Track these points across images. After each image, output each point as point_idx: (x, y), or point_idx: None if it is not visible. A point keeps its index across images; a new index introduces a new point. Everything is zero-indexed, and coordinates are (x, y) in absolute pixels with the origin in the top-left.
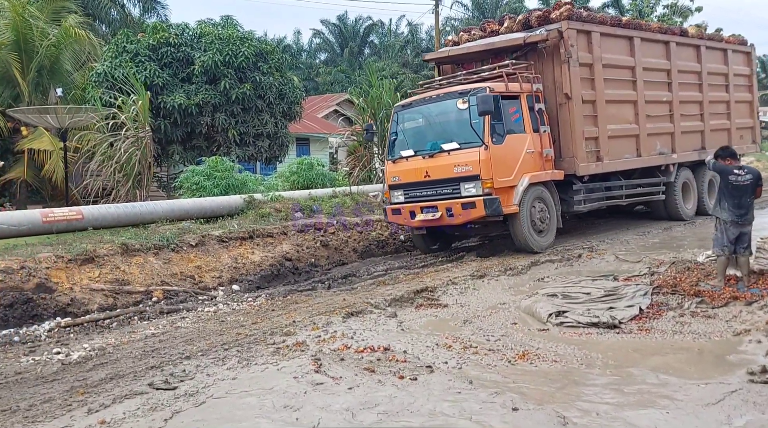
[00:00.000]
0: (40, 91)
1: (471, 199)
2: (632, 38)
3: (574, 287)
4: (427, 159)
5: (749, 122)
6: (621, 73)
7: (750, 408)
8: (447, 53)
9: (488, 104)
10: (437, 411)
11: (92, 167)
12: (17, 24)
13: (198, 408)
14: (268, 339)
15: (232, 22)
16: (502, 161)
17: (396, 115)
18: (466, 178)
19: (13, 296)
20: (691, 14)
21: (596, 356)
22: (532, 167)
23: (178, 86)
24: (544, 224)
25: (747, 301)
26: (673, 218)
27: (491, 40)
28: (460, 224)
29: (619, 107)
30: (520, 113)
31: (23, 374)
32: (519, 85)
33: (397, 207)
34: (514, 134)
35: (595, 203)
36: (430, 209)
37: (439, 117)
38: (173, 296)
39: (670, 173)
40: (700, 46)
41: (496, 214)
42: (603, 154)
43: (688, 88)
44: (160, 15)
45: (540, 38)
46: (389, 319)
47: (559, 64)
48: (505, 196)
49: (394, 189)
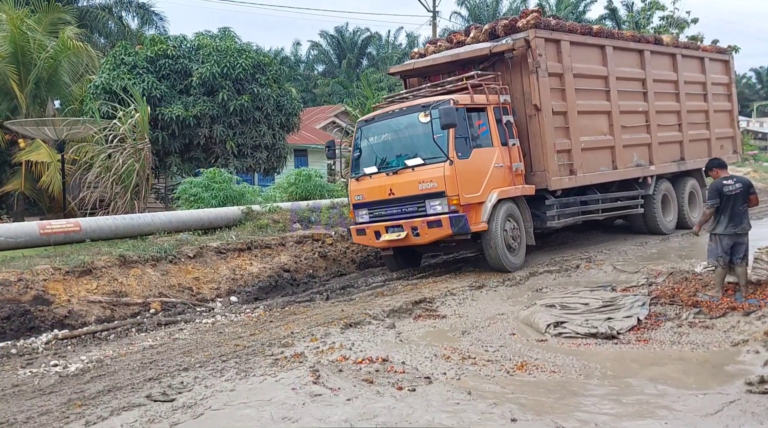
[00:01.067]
0: (37, 103)
1: (437, 217)
2: (604, 47)
3: (572, 297)
4: (391, 176)
5: (729, 131)
6: (593, 83)
7: (748, 418)
8: (412, 66)
9: (451, 117)
10: (436, 422)
11: (90, 179)
12: (15, 36)
13: (196, 419)
14: (266, 350)
15: (230, 34)
16: (469, 177)
17: (359, 130)
18: (431, 195)
19: (11, 308)
20: (687, 26)
21: (595, 366)
22: (501, 182)
23: (176, 98)
24: (515, 242)
25: (745, 311)
26: (652, 232)
27: (456, 51)
28: (427, 243)
29: (593, 118)
30: (487, 125)
31: (20, 386)
32: (485, 97)
33: (362, 227)
34: (481, 148)
35: (569, 219)
36: (395, 229)
37: (402, 132)
38: (171, 308)
39: (649, 185)
40: (676, 55)
41: (463, 232)
42: (576, 167)
43: (665, 98)
44: (159, 27)
45: (506, 48)
46: (388, 330)
47: (527, 75)
48: (473, 213)
49: (358, 208)
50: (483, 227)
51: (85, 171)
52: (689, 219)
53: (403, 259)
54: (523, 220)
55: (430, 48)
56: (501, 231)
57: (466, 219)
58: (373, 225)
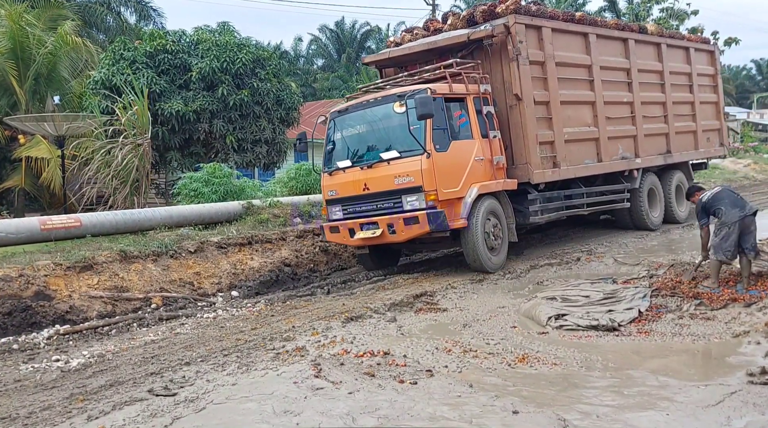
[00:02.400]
0: (37, 99)
1: (413, 213)
2: (587, 35)
3: (573, 290)
4: (365, 170)
5: (716, 123)
6: (577, 72)
7: (750, 409)
8: (387, 55)
9: (427, 107)
10: (437, 415)
11: (89, 175)
12: (14, 32)
13: (198, 414)
14: (267, 344)
15: (229, 29)
16: (447, 171)
17: (332, 122)
18: (407, 190)
19: (12, 304)
20: (687, 17)
21: (596, 358)
22: (482, 176)
23: (176, 93)
24: (497, 240)
25: (746, 303)
26: (638, 227)
27: (433, 39)
28: (404, 241)
29: (576, 108)
30: (466, 116)
31: (22, 381)
32: (465, 87)
33: (336, 224)
34: (460, 140)
35: (553, 214)
36: (370, 226)
37: (377, 123)
38: (172, 303)
39: (635, 178)
40: (661, 44)
41: (441, 229)
42: (560, 159)
43: (650, 89)
44: (156, 22)
45: (485, 34)
46: (389, 323)
47: (507, 63)
48: (452, 209)
49: (331, 204)
50: (462, 224)
51: (84, 167)
52: (676, 213)
53: (379, 258)
54: (504, 216)
55: (407, 36)
56: (481, 228)
57: (445, 216)
58: (347, 222)
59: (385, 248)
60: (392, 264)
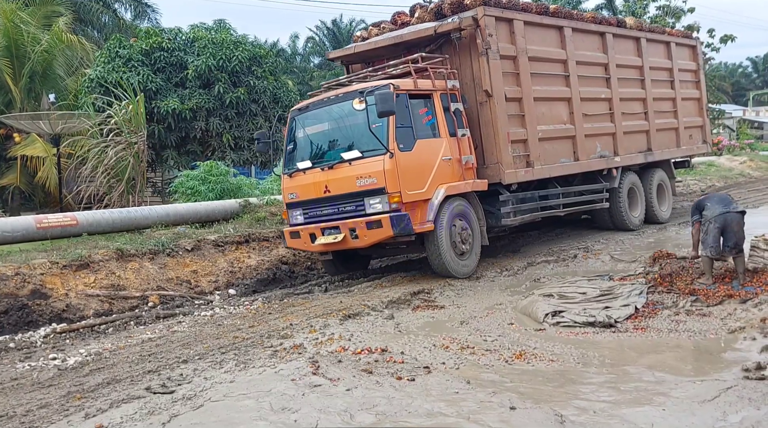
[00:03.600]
0: (32, 97)
1: (376, 217)
2: (562, 28)
3: (570, 287)
4: (326, 171)
5: (698, 120)
6: (551, 68)
7: (745, 404)
8: (353, 50)
9: (388, 103)
10: (435, 411)
11: (85, 173)
12: (8, 30)
13: (196, 411)
14: (265, 342)
15: (225, 27)
16: (412, 171)
17: (292, 120)
18: (370, 192)
19: (8, 302)
20: (683, 15)
21: (593, 355)
22: (450, 176)
23: (172, 91)
24: (465, 245)
25: (741, 299)
26: (618, 228)
27: (399, 33)
28: (368, 246)
29: (551, 105)
30: (433, 114)
31: (19, 380)
32: (431, 82)
33: (296, 229)
34: (426, 139)
35: (527, 215)
36: (331, 231)
37: (339, 121)
38: (169, 301)
39: (614, 177)
40: (640, 39)
41: (405, 233)
42: (533, 158)
43: (630, 85)
44: (152, 20)
45: (452, 27)
46: (386, 321)
47: (476, 57)
48: (417, 212)
49: (291, 208)
50: (428, 227)
51: (80, 165)
52: (658, 213)
53: (345, 263)
54: (475, 218)
55: (374, 31)
56: (448, 232)
57: (409, 219)
58: (307, 227)
59: (352, 253)
60: (362, 269)
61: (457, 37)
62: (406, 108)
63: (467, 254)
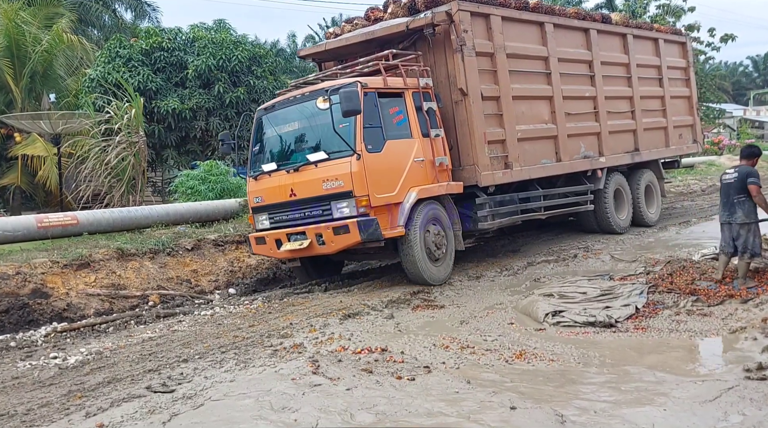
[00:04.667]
0: (33, 97)
1: (343, 221)
2: (543, 24)
3: (570, 286)
4: (292, 174)
5: (689, 119)
6: (531, 65)
7: (747, 404)
8: (324, 47)
9: (354, 102)
10: (435, 411)
11: (85, 172)
12: (9, 30)
13: (196, 410)
14: (265, 341)
15: (225, 26)
16: (382, 173)
17: (258, 120)
18: (337, 195)
19: (9, 301)
20: (683, 14)
21: (593, 355)
22: (422, 179)
23: (172, 91)
24: (439, 250)
25: (743, 299)
26: (604, 231)
27: (371, 29)
28: (335, 252)
29: (531, 104)
30: (404, 113)
31: (20, 379)
32: (403, 80)
33: (262, 235)
34: (397, 140)
35: (506, 218)
36: (297, 236)
37: (305, 121)
38: (169, 301)
39: (599, 179)
40: (627, 35)
41: (374, 239)
42: (512, 160)
43: (615, 82)
44: (152, 19)
45: (425, 22)
46: (386, 320)
47: (451, 54)
48: (387, 216)
49: (257, 213)
50: (399, 232)
51: (80, 165)
52: (646, 216)
53: (316, 269)
54: (450, 222)
55: (347, 27)
56: (421, 237)
57: (378, 224)
58: (273, 232)
59: (324, 259)
60: (335, 274)
61: (431, 33)
62: (375, 107)
63: (442, 259)
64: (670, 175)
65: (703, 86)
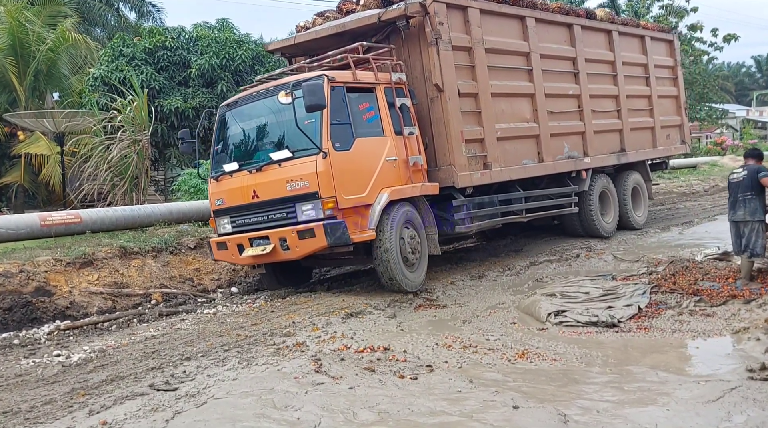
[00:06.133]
0: (36, 95)
1: (309, 225)
2: (524, 18)
3: (572, 286)
4: (254, 174)
5: (676, 119)
6: (512, 61)
7: (750, 404)
8: (293, 41)
9: (317, 96)
10: (438, 410)
11: (88, 171)
12: (13, 28)
13: (199, 408)
14: (268, 339)
15: (228, 26)
16: (350, 173)
17: (221, 117)
18: (302, 197)
19: (13, 299)
20: (686, 14)
21: (596, 354)
22: (395, 179)
23: (175, 90)
24: (414, 255)
25: (746, 299)
26: (589, 235)
27: (342, 21)
28: (301, 258)
29: (511, 101)
30: (375, 110)
31: (24, 376)
32: (374, 75)
33: (223, 240)
34: (367, 138)
35: (484, 221)
36: (260, 241)
37: (268, 118)
38: (172, 299)
39: (583, 180)
40: (612, 32)
41: (341, 243)
42: (491, 160)
43: (600, 80)
44: (156, 19)
45: (398, 14)
46: (389, 319)
47: (426, 48)
48: (356, 219)
49: (218, 216)
50: (370, 236)
51: (83, 163)
52: (633, 219)
53: (285, 275)
54: (425, 225)
55: (318, 20)
56: (394, 240)
57: (345, 227)
58: (235, 237)
59: (293, 265)
60: (305, 281)
61: (404, 26)
62: (343, 103)
63: (416, 264)
64: (673, 175)
65: (706, 87)
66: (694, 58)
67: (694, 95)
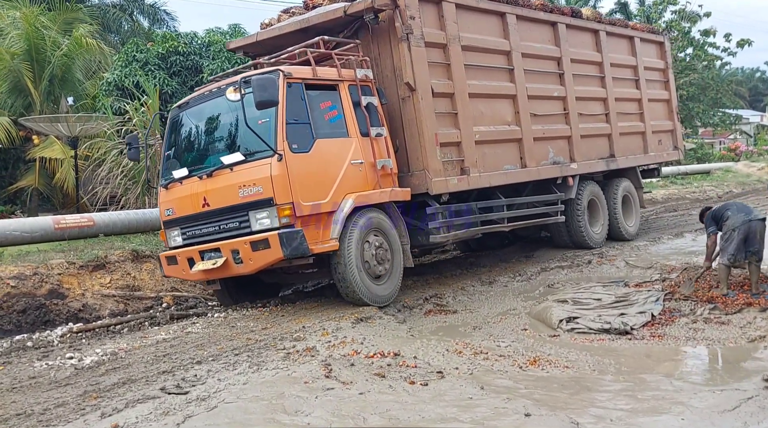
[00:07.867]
0: (51, 100)
1: (263, 235)
2: (504, 15)
3: (584, 293)
4: (205, 180)
5: (668, 124)
6: (491, 59)
7: (767, 415)
8: (255, 39)
9: (268, 92)
10: (449, 416)
11: (102, 175)
12: (29, 34)
13: (210, 412)
14: (278, 344)
15: (240, 31)
16: (310, 177)
17: (171, 120)
18: (255, 204)
19: (26, 301)
20: (699, 19)
21: (608, 362)
22: (361, 184)
23: (188, 94)
24: (382, 266)
25: (761, 307)
26: (577, 245)
27: (306, 16)
28: (255, 272)
29: (491, 102)
30: (339, 108)
31: (37, 378)
32: (336, 71)
33: (173, 253)
34: (329, 139)
35: (462, 231)
36: (211, 254)
37: (221, 119)
38: (183, 302)
39: (570, 187)
40: (599, 32)
41: (299, 254)
42: (469, 165)
43: (587, 82)
44: (169, 26)
45: (364, 7)
46: (399, 325)
47: (396, 44)
48: (317, 227)
49: (168, 227)
50: (332, 246)
51: (97, 167)
52: (624, 229)
53: (241, 290)
54: (395, 234)
55: (283, 17)
56: (358, 251)
57: (303, 236)
58: (184, 250)
59: (254, 281)
60: (272, 297)
61: (372, 20)
62: (301, 100)
63: (384, 277)
64: (686, 181)
65: (720, 92)
66: (707, 63)
67: (708, 101)
